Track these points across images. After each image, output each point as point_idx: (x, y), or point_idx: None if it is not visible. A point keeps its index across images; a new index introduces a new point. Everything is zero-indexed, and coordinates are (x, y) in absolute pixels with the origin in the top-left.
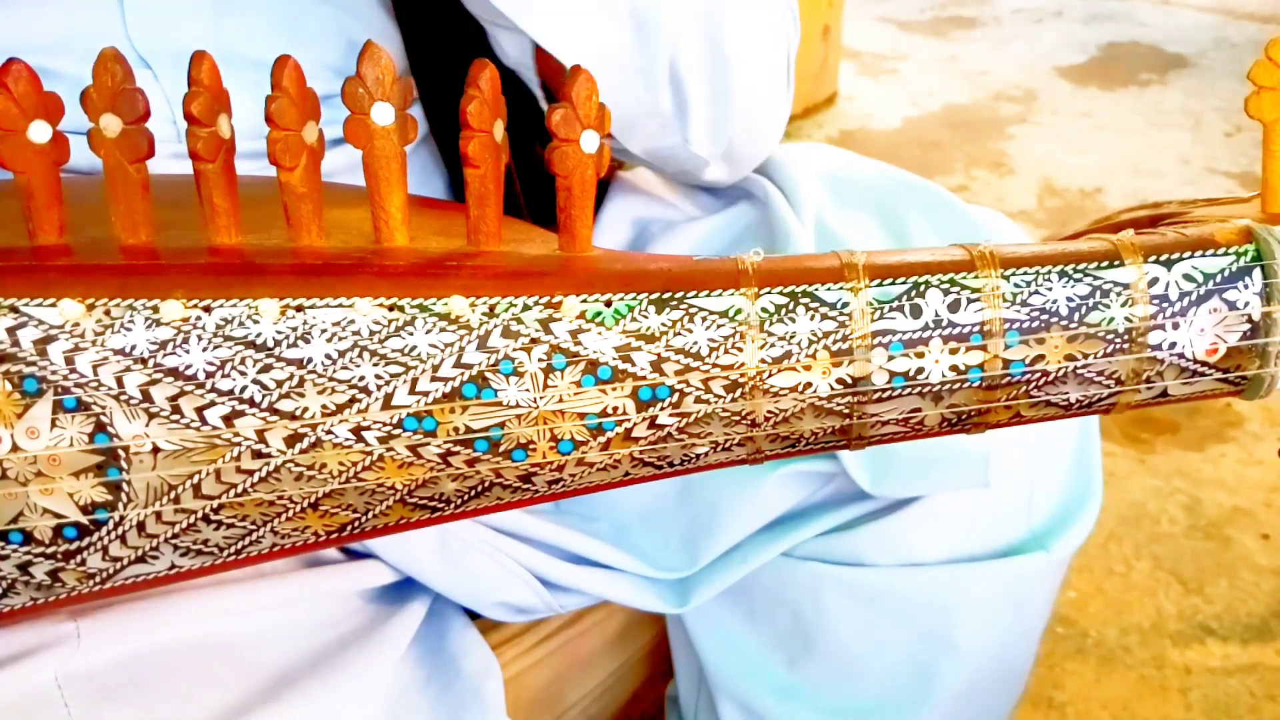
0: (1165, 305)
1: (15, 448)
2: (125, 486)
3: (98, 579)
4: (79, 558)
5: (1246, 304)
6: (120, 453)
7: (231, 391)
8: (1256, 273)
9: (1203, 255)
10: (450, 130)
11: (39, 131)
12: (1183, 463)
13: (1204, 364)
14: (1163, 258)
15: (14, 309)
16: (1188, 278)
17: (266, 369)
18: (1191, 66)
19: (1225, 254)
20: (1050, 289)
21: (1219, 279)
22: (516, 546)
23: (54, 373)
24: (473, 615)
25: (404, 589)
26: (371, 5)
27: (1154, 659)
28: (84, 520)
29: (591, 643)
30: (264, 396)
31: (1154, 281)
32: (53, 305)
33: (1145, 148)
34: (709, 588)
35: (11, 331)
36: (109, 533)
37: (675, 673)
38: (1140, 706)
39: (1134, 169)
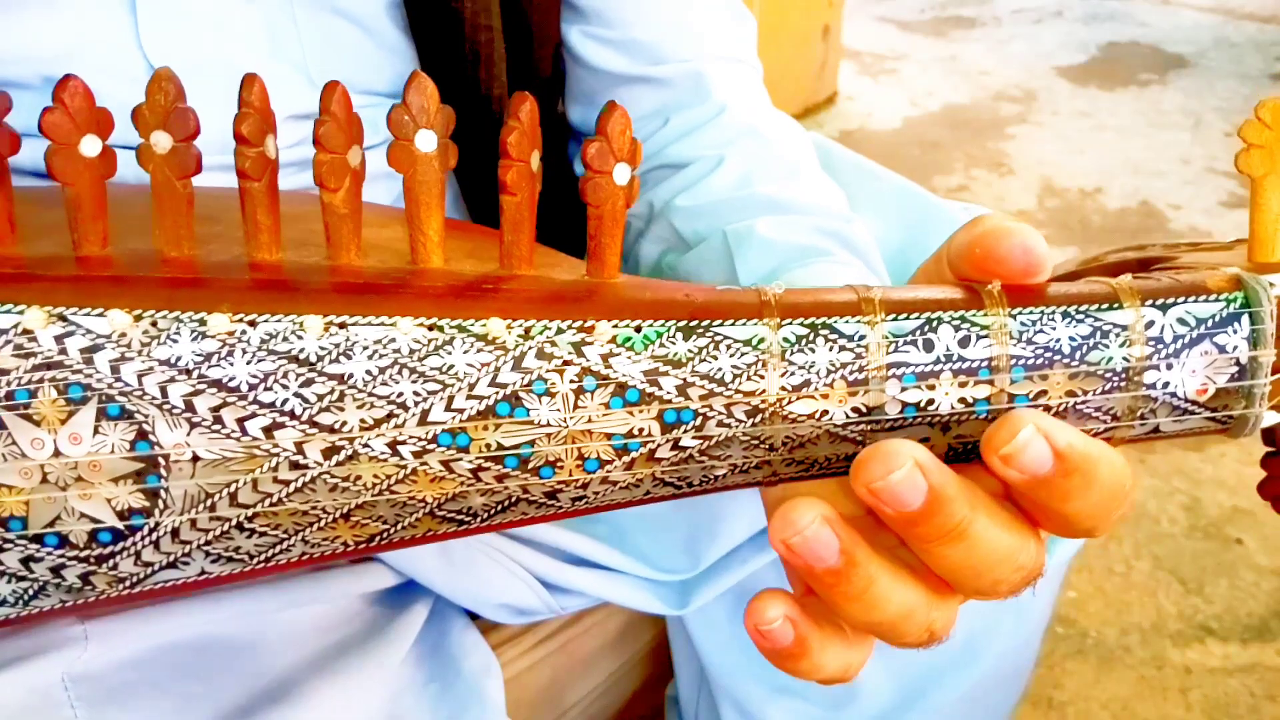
0: (1160, 347)
1: (57, 453)
2: (163, 493)
3: (128, 583)
4: (111, 562)
5: (1235, 348)
6: (160, 460)
7: (273, 404)
8: (1245, 319)
9: (1196, 300)
10: (463, 143)
11: (90, 146)
12: (1183, 463)
13: (1194, 403)
14: (1159, 302)
15: (62, 318)
16: (1182, 321)
17: (308, 383)
18: (1191, 66)
19: (1217, 300)
20: (1054, 328)
21: (1210, 323)
22: (518, 548)
23: (99, 381)
24: (473, 616)
25: (406, 592)
26: (385, 20)
27: (1154, 659)
28: (120, 525)
29: (591, 643)
30: (304, 410)
31: (1150, 324)
32: (101, 315)
33: (1145, 148)
34: (710, 589)
35: (59, 340)
36: (143, 538)
37: (675, 673)
38: (1140, 706)
39: (1134, 169)
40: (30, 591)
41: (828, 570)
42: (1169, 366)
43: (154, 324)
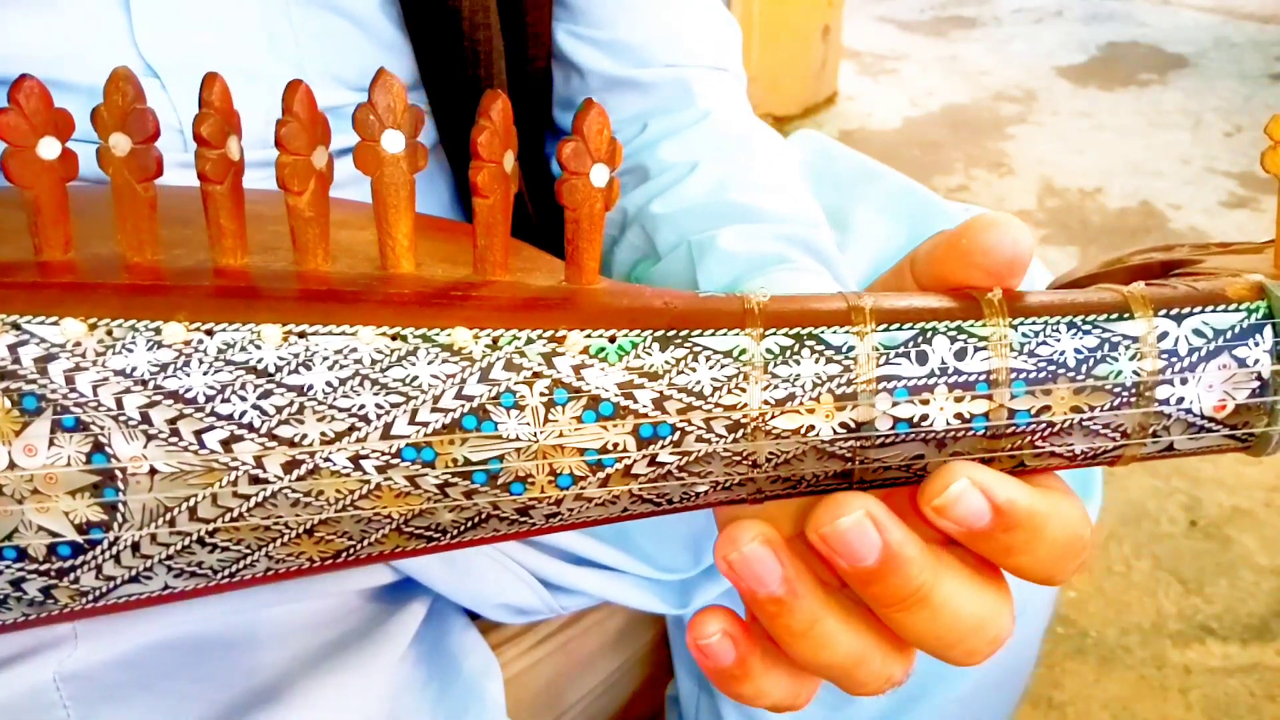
0: (1174, 360)
1: (12, 465)
2: (121, 507)
3: (90, 597)
4: (72, 576)
5: (1256, 361)
6: (118, 473)
7: (231, 416)
8: (1268, 330)
9: (1213, 310)
10: (460, 139)
11: (48, 148)
12: (1182, 462)
13: (1212, 420)
14: (1173, 312)
15: (16, 326)
16: (1197, 333)
17: (267, 394)
18: (1191, 66)
19: (1236, 310)
20: (1059, 340)
21: (1229, 335)
22: (517, 547)
23: (54, 391)
24: (473, 616)
25: (404, 589)
26: (382, 17)
27: (1154, 659)
28: (79, 539)
29: (591, 643)
30: (263, 422)
31: (1163, 336)
32: (55, 324)
33: (1145, 148)
34: (711, 588)
35: (13, 349)
36: (103, 552)
37: (675, 673)
38: (1140, 706)
39: (1134, 169)
40: None
41: (769, 598)
42: (1184, 381)
43: (109, 333)
